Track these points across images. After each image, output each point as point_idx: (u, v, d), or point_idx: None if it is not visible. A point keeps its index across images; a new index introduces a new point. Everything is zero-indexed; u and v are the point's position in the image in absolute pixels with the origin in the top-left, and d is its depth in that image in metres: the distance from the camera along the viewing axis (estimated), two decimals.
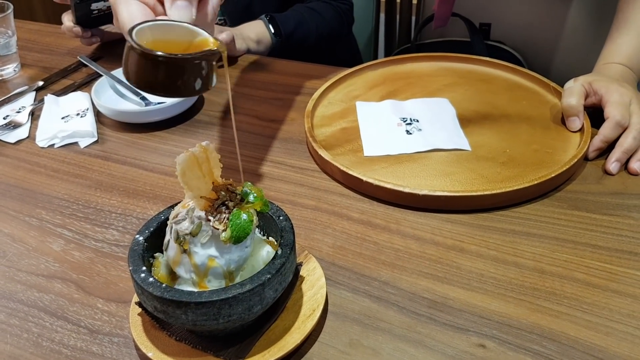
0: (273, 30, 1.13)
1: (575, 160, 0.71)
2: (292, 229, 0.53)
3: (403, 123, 0.83)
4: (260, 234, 0.56)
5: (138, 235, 0.53)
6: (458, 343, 0.53)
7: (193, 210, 0.49)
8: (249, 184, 0.51)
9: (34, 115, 0.93)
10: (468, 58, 0.98)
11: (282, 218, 0.54)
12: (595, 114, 0.79)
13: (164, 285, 0.48)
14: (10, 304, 0.60)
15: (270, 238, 0.56)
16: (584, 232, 0.64)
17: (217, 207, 0.49)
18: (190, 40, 0.55)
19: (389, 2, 1.52)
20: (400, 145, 0.78)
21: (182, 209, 0.50)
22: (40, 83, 1.02)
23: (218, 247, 0.49)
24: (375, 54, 1.60)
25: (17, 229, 0.70)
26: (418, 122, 0.83)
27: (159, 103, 0.90)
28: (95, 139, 0.86)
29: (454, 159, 0.76)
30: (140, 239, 0.52)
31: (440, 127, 0.82)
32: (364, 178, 0.70)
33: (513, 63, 0.96)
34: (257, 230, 0.54)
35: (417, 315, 0.56)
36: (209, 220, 0.48)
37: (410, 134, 0.81)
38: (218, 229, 0.48)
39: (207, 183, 0.50)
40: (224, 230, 0.48)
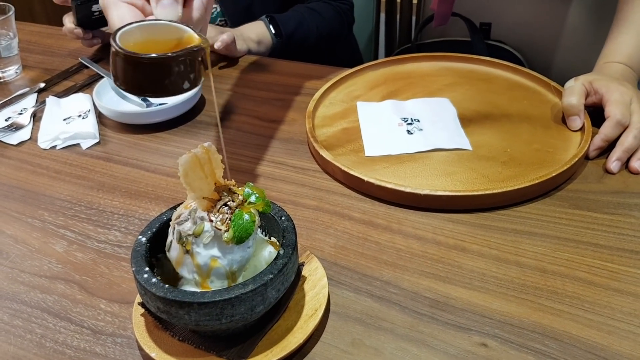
0: (274, 31, 1.14)
1: (576, 160, 0.71)
2: (294, 229, 0.53)
3: (404, 123, 0.83)
4: (262, 235, 0.56)
5: (140, 236, 0.53)
6: (460, 342, 0.53)
7: (195, 211, 0.50)
8: (251, 185, 0.51)
9: (36, 117, 0.93)
10: (469, 58, 0.98)
11: (284, 218, 0.55)
12: (596, 113, 0.79)
13: (167, 286, 0.48)
14: (14, 305, 0.60)
15: (272, 238, 0.56)
16: (585, 231, 0.64)
17: (219, 207, 0.49)
18: (178, 38, 0.55)
19: (389, 2, 1.52)
20: (402, 145, 0.79)
21: (184, 210, 0.50)
22: (42, 85, 1.02)
23: (220, 247, 0.49)
24: (376, 54, 1.60)
25: (20, 231, 0.70)
26: (419, 122, 0.83)
27: (161, 104, 0.90)
28: (97, 140, 0.86)
29: (455, 159, 0.76)
30: (143, 240, 0.53)
31: (441, 126, 0.82)
32: (365, 178, 0.70)
33: (514, 62, 0.96)
34: (259, 231, 0.54)
35: (419, 315, 0.56)
36: (212, 221, 0.49)
37: (411, 134, 0.81)
38: (220, 230, 0.48)
39: (209, 184, 0.50)
40: (226, 231, 0.48)
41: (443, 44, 1.27)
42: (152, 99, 0.94)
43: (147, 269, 0.49)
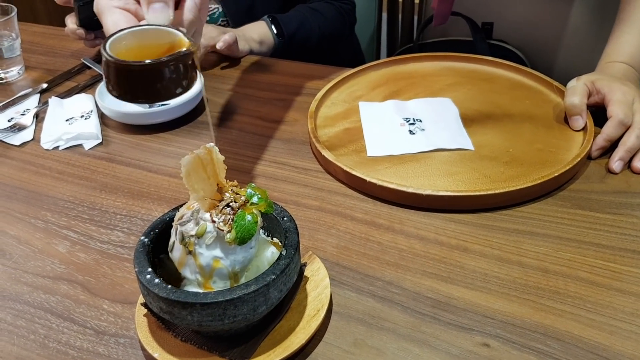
0: (275, 31, 1.14)
1: (579, 159, 0.71)
2: (296, 230, 0.53)
3: (406, 123, 0.83)
4: (265, 235, 0.57)
5: (143, 237, 0.53)
6: (462, 342, 0.53)
7: (198, 212, 0.50)
8: (253, 185, 0.51)
9: (39, 118, 0.93)
10: (471, 57, 0.98)
11: (286, 219, 0.55)
12: (598, 113, 0.79)
13: (170, 287, 0.48)
14: (17, 306, 0.60)
15: (275, 239, 0.56)
16: (588, 231, 0.64)
17: (221, 208, 0.49)
18: (170, 42, 0.55)
19: (391, 1, 1.52)
20: (404, 146, 0.79)
21: (187, 211, 0.50)
22: (45, 85, 1.02)
23: (223, 248, 0.49)
24: (378, 54, 1.60)
25: (23, 231, 0.70)
26: (421, 122, 0.83)
27: (163, 105, 0.90)
28: (100, 141, 0.87)
29: (457, 159, 0.76)
30: (146, 241, 0.53)
31: (443, 126, 0.82)
32: (368, 178, 0.70)
33: (516, 62, 0.96)
34: (261, 231, 0.54)
35: (421, 315, 0.56)
36: (214, 222, 0.49)
37: (414, 134, 0.81)
38: (223, 230, 0.48)
39: (211, 184, 0.50)
40: (229, 232, 0.48)
41: (445, 44, 1.27)
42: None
43: (149, 270, 0.50)
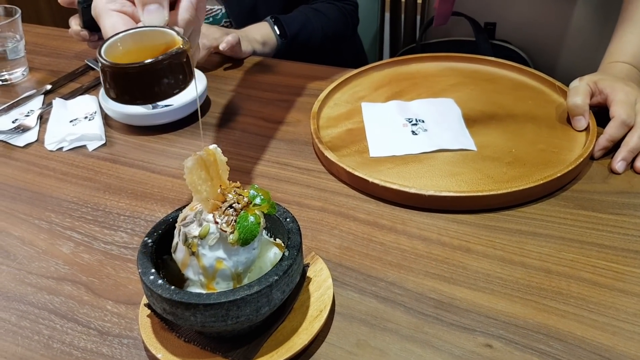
0: (278, 32, 1.14)
1: (581, 160, 0.71)
2: (298, 231, 0.54)
3: (409, 124, 0.83)
4: (268, 236, 0.57)
5: (146, 238, 0.53)
6: (465, 343, 0.53)
7: (201, 213, 0.50)
8: (256, 187, 0.52)
9: (43, 119, 0.94)
10: (473, 58, 0.98)
11: (289, 220, 0.55)
12: (601, 113, 0.79)
13: (173, 288, 0.48)
14: (21, 307, 0.60)
15: (278, 240, 0.56)
16: (590, 231, 0.64)
17: (224, 209, 0.50)
18: (166, 43, 0.55)
19: (394, 2, 1.52)
20: (406, 146, 0.79)
21: (190, 212, 0.51)
22: (49, 87, 1.02)
23: (226, 249, 0.49)
24: (381, 55, 1.61)
25: (27, 232, 0.70)
26: (424, 122, 0.83)
27: (166, 106, 0.90)
28: (103, 142, 0.87)
29: (460, 159, 0.76)
30: (149, 242, 0.53)
31: (446, 127, 0.82)
32: (370, 179, 0.71)
33: (518, 62, 0.96)
34: (264, 232, 0.54)
35: (423, 316, 0.56)
36: (217, 223, 0.49)
37: (416, 135, 0.81)
38: (226, 232, 0.49)
39: (214, 186, 0.50)
40: (232, 233, 0.48)
41: (447, 44, 1.27)
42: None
43: (153, 271, 0.50)
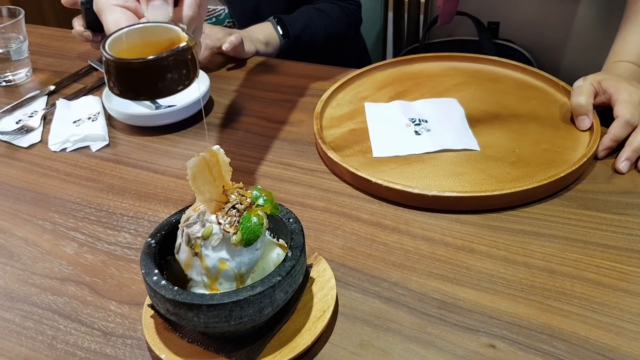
0: (281, 32, 1.14)
1: (585, 160, 0.71)
2: (301, 231, 0.54)
3: (412, 124, 0.83)
4: (271, 236, 0.57)
5: (150, 239, 0.53)
6: (468, 343, 0.53)
7: (204, 214, 0.50)
8: (259, 187, 0.52)
9: (46, 120, 0.94)
10: (477, 58, 0.98)
11: (292, 220, 0.55)
12: (605, 113, 0.78)
13: (176, 288, 0.48)
14: (25, 307, 0.60)
15: (281, 240, 0.56)
16: (594, 231, 0.64)
17: (227, 210, 0.50)
18: (170, 39, 0.55)
19: (397, 1, 1.52)
20: (409, 146, 0.79)
21: (193, 213, 0.51)
22: (52, 87, 1.03)
23: (229, 250, 0.49)
24: (384, 54, 1.60)
25: (30, 233, 0.71)
26: (427, 122, 0.83)
27: (170, 106, 0.90)
28: (107, 143, 0.87)
29: (463, 160, 0.76)
30: (152, 242, 0.53)
31: (449, 127, 0.82)
32: (373, 179, 0.71)
33: (522, 61, 0.95)
34: (267, 233, 0.54)
35: (427, 316, 0.56)
36: (220, 224, 0.49)
37: (419, 135, 0.81)
38: (229, 232, 0.49)
39: (217, 186, 0.50)
40: (235, 233, 0.49)
41: (451, 44, 1.27)
42: (160, 101, 0.94)
43: (156, 271, 0.50)
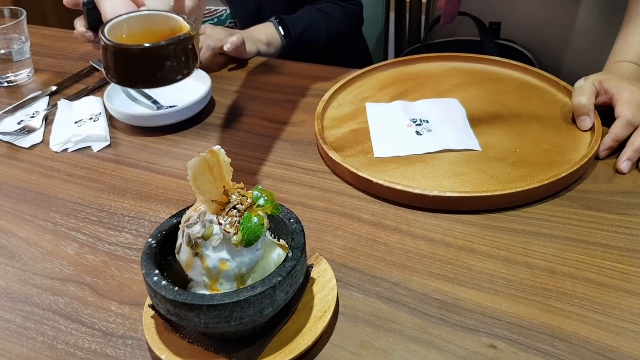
0: (283, 32, 1.14)
1: (586, 160, 0.71)
2: (302, 232, 0.54)
3: (413, 124, 0.83)
4: (271, 237, 0.57)
5: (150, 239, 0.54)
6: (469, 344, 0.53)
7: (204, 214, 0.50)
8: (260, 187, 0.52)
9: (48, 120, 0.94)
10: (478, 58, 0.98)
11: (292, 220, 0.55)
12: (606, 113, 0.78)
13: (177, 289, 0.48)
14: (26, 307, 0.61)
15: (281, 240, 0.56)
16: (595, 231, 0.64)
17: (228, 210, 0.50)
18: (171, 28, 0.54)
19: (399, 1, 1.52)
20: (410, 146, 0.79)
21: (193, 213, 0.51)
22: (54, 88, 1.03)
23: (229, 250, 0.49)
24: (385, 55, 1.60)
25: (32, 233, 0.71)
26: (428, 122, 0.83)
27: (171, 107, 0.90)
28: (108, 143, 0.87)
29: (464, 160, 0.76)
30: (153, 243, 0.53)
31: (451, 127, 0.82)
32: (374, 179, 0.70)
33: (524, 61, 0.95)
34: (268, 233, 0.54)
35: (427, 316, 0.56)
36: (221, 224, 0.49)
37: (420, 135, 0.81)
38: (229, 233, 0.49)
39: (218, 187, 0.50)
40: (235, 234, 0.49)
41: (452, 44, 1.27)
42: (161, 101, 0.94)
43: (156, 272, 0.50)
